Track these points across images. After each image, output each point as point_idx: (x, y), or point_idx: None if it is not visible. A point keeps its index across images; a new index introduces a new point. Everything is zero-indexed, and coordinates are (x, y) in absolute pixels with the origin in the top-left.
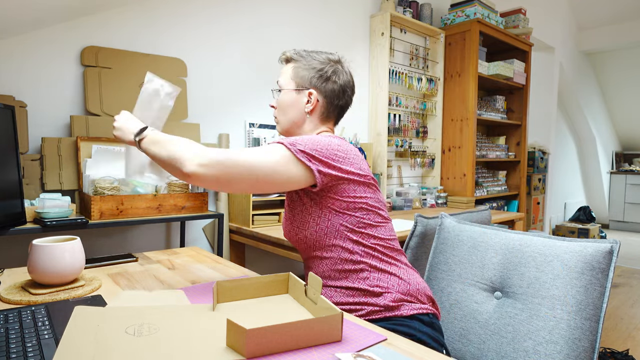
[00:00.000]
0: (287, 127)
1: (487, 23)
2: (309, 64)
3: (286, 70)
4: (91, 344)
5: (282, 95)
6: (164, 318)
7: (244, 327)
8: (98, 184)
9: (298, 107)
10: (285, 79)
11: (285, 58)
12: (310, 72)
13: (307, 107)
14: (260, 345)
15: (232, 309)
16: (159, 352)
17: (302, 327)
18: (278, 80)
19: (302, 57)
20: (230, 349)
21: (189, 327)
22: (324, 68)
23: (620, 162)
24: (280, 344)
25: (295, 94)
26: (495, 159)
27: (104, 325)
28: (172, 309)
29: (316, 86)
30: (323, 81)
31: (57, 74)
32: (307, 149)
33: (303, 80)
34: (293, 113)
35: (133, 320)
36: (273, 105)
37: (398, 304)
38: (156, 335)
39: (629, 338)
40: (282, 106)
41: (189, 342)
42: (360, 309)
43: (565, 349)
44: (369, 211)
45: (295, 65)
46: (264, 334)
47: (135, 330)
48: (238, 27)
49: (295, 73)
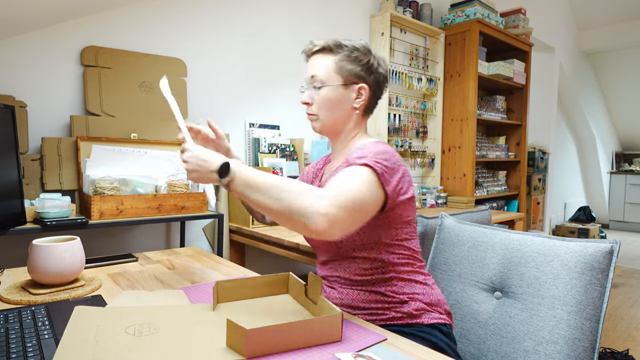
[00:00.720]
0: (330, 124)
1: (487, 23)
2: (354, 56)
3: (324, 62)
4: (91, 344)
5: (326, 92)
6: (164, 318)
7: (244, 327)
8: (98, 184)
9: (346, 103)
10: (328, 73)
11: (320, 48)
12: (357, 65)
13: (355, 103)
14: (260, 345)
15: (232, 309)
16: (158, 352)
17: (302, 327)
18: (313, 74)
19: (344, 47)
20: (230, 349)
21: (188, 327)
22: (369, 60)
23: (620, 162)
24: (280, 344)
25: (342, 89)
26: (495, 159)
27: (104, 325)
28: (172, 309)
29: (365, 80)
30: (370, 74)
31: (57, 74)
32: (387, 174)
33: (351, 74)
34: (340, 110)
35: (133, 320)
36: (307, 102)
37: (420, 313)
38: (156, 335)
39: (629, 338)
40: (325, 103)
41: (189, 342)
42: (382, 314)
43: (565, 349)
44: (410, 225)
45: (337, 57)
46: (264, 334)
47: (135, 330)
48: (238, 27)
49: (340, 66)
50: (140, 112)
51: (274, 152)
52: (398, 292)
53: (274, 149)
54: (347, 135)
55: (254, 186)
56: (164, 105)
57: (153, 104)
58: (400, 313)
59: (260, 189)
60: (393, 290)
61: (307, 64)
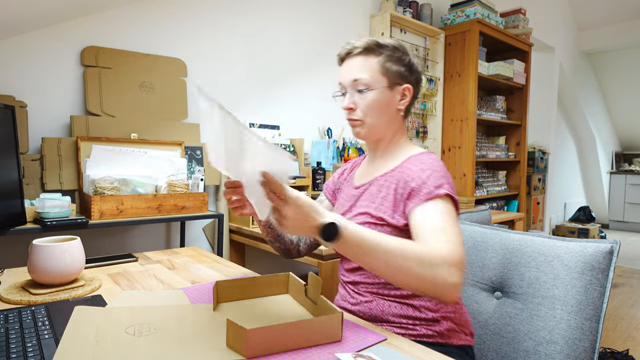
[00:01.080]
0: (376, 129)
1: (487, 23)
2: (397, 56)
3: (367, 64)
4: (91, 345)
5: (372, 95)
6: (164, 318)
7: (244, 327)
8: (98, 184)
9: (392, 105)
10: (373, 75)
11: (361, 50)
12: (401, 65)
13: (400, 105)
14: (260, 346)
15: (232, 309)
16: (158, 353)
17: (302, 327)
18: (356, 78)
19: (385, 47)
20: (230, 350)
21: (188, 327)
22: (410, 59)
23: (620, 162)
24: (281, 344)
25: (388, 92)
26: (495, 159)
27: (104, 326)
28: (172, 309)
29: (408, 79)
30: (412, 73)
31: (57, 74)
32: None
33: (395, 75)
34: (386, 113)
35: (133, 320)
36: (350, 107)
37: (450, 333)
38: (156, 335)
39: (629, 338)
40: (372, 107)
41: (189, 342)
42: (412, 329)
43: (565, 349)
44: None
45: (380, 58)
46: (265, 334)
47: (135, 331)
48: (238, 27)
49: (386, 67)
50: (140, 112)
51: None
52: (431, 308)
53: None
54: (391, 139)
55: (366, 249)
56: (164, 105)
57: (153, 104)
58: (432, 331)
59: (373, 252)
60: (427, 306)
61: (343, 67)
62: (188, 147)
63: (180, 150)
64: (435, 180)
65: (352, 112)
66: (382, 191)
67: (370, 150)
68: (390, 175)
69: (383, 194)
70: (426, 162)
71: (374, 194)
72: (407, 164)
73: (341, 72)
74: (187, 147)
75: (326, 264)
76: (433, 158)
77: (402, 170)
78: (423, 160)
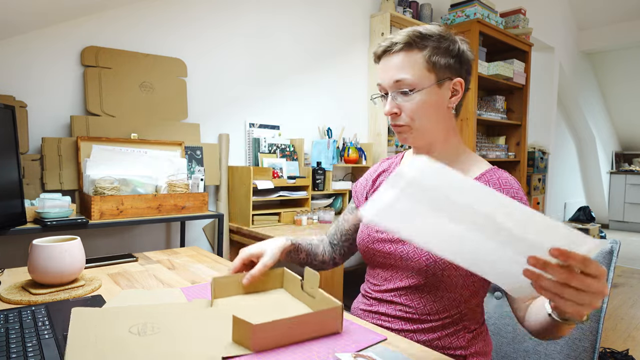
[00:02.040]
0: (428, 132)
1: (487, 23)
2: (444, 46)
3: (410, 62)
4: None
5: (419, 96)
6: (165, 316)
7: (250, 323)
8: (98, 184)
9: (443, 104)
10: (418, 73)
11: (404, 45)
12: (450, 57)
13: (451, 102)
14: (265, 340)
15: (229, 305)
16: (168, 350)
17: (305, 320)
18: (398, 79)
19: (430, 38)
20: (236, 344)
21: (190, 324)
22: (458, 47)
23: (620, 162)
24: (285, 337)
25: (437, 90)
26: (495, 159)
27: (105, 326)
28: (170, 306)
29: (459, 72)
30: (462, 64)
31: (57, 74)
32: None
33: (444, 70)
34: (438, 114)
35: (134, 320)
36: (394, 112)
37: None
38: (160, 334)
39: (629, 338)
40: (421, 110)
41: (194, 339)
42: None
43: (565, 349)
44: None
45: (426, 52)
46: (270, 328)
47: (139, 330)
48: (238, 27)
49: (433, 62)
50: (140, 112)
51: (274, 152)
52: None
53: (274, 149)
54: (444, 142)
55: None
56: (164, 105)
57: (153, 104)
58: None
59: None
60: (457, 340)
61: (381, 66)
62: (188, 147)
63: (180, 150)
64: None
65: (397, 118)
66: None
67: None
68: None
69: None
70: (515, 186)
71: None
72: (489, 184)
73: (379, 72)
74: (187, 147)
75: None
76: (513, 179)
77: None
78: (512, 185)
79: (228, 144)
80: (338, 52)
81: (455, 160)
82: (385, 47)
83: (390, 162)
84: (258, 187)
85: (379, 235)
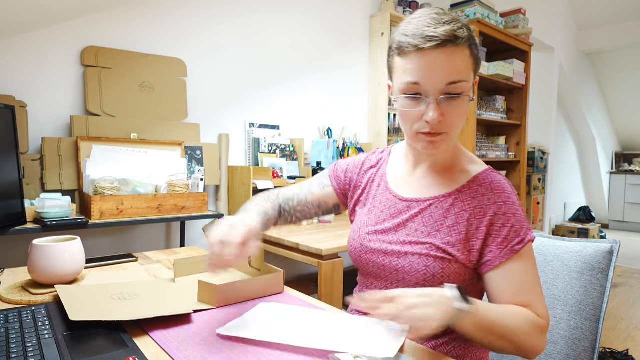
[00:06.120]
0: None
1: (487, 23)
2: (476, 42)
3: (463, 59)
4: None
5: (465, 100)
6: (137, 288)
7: (214, 284)
8: (98, 184)
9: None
10: (470, 75)
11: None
12: (478, 52)
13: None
14: (226, 297)
15: (189, 280)
16: (149, 306)
17: (256, 282)
18: (453, 80)
19: (468, 28)
20: (202, 303)
21: (161, 292)
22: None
23: (620, 162)
24: (240, 295)
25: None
26: (495, 159)
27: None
28: (140, 282)
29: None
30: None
31: (57, 74)
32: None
33: (478, 66)
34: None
35: (112, 291)
36: (441, 119)
37: None
38: (138, 299)
39: (629, 338)
40: (463, 115)
41: (167, 301)
42: None
43: (565, 349)
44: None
45: (470, 50)
46: (230, 288)
47: (120, 297)
48: (238, 26)
49: (477, 60)
50: (140, 112)
51: (274, 152)
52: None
53: (274, 149)
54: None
55: (487, 328)
56: (164, 105)
57: (153, 104)
58: None
59: (493, 332)
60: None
61: (423, 61)
62: (188, 147)
63: (180, 150)
64: (522, 220)
65: (439, 125)
66: (449, 218)
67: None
68: (458, 198)
69: (450, 222)
70: (507, 190)
71: (437, 220)
72: (481, 188)
73: (421, 68)
74: (187, 147)
75: (326, 264)
76: (507, 182)
77: (473, 196)
78: (504, 189)
79: (228, 144)
80: (338, 52)
81: (451, 161)
82: (444, 36)
83: (377, 158)
84: (258, 187)
85: (372, 245)
